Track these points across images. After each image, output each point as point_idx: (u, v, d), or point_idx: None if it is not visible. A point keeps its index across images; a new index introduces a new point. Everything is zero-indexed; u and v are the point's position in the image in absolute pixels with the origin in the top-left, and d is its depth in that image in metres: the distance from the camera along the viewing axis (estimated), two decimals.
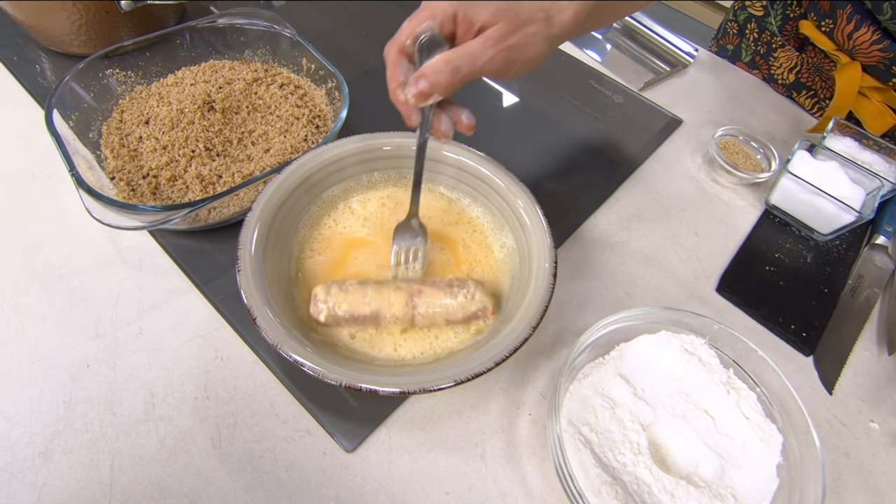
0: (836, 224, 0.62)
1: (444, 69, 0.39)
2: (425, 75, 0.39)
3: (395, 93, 0.42)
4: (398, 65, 0.42)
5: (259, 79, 0.66)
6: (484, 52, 0.39)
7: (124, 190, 0.54)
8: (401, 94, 0.41)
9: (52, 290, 0.51)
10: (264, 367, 0.48)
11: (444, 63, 0.39)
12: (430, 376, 0.40)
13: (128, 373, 0.47)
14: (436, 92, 0.40)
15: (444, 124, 0.44)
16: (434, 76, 0.39)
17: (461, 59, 0.39)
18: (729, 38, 0.88)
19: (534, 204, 0.50)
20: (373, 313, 0.45)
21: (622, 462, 0.43)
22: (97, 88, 0.60)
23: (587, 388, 0.46)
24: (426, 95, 0.40)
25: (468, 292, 0.46)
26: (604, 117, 0.75)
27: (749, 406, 0.46)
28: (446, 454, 0.45)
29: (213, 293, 0.52)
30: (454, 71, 0.39)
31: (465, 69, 0.39)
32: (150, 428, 0.44)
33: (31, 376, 0.46)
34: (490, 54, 0.39)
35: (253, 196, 0.53)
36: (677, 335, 0.48)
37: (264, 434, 0.45)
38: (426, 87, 0.39)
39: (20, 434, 0.43)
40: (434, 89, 0.39)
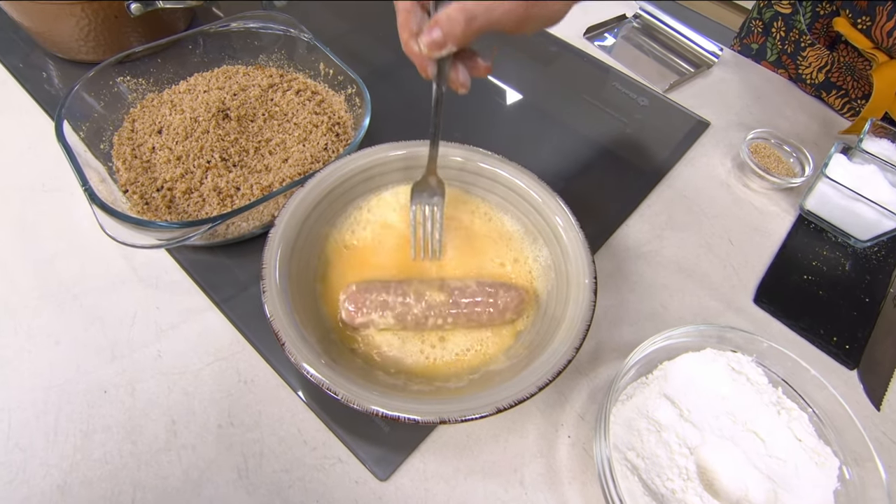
0: (877, 230, 0.59)
1: (458, 17, 0.36)
2: (439, 23, 0.36)
3: (407, 43, 0.39)
4: (411, 12, 0.38)
5: (275, 85, 0.63)
6: (502, 2, 0.36)
7: (138, 204, 0.52)
8: (414, 45, 0.38)
9: (65, 310, 0.49)
10: (290, 390, 0.46)
11: (458, 11, 0.36)
12: (470, 403, 0.38)
13: (147, 398, 0.45)
14: (450, 41, 0.36)
15: (461, 74, 0.41)
16: (448, 25, 0.36)
17: (478, 8, 0.36)
18: (753, 37, 0.85)
19: (570, 216, 0.48)
20: (402, 308, 0.43)
21: (671, 489, 0.41)
22: (108, 97, 0.58)
23: (631, 411, 0.44)
24: (440, 45, 0.37)
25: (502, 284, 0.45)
26: (629, 120, 0.72)
27: (801, 427, 0.44)
28: (484, 481, 0.43)
29: (234, 311, 0.50)
30: (469, 20, 0.36)
31: (481, 18, 0.36)
32: (173, 458, 0.42)
33: (46, 404, 0.44)
34: (508, 5, 0.36)
35: (273, 209, 0.51)
36: (723, 353, 0.46)
37: (293, 463, 0.43)
38: (439, 37, 0.36)
39: (36, 466, 0.41)
40: (448, 38, 0.36)
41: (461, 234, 0.51)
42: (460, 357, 0.45)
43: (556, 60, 0.80)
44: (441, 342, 0.45)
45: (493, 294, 0.44)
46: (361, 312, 0.43)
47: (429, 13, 0.39)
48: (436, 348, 0.45)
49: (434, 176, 0.48)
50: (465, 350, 0.45)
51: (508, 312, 0.45)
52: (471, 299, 0.44)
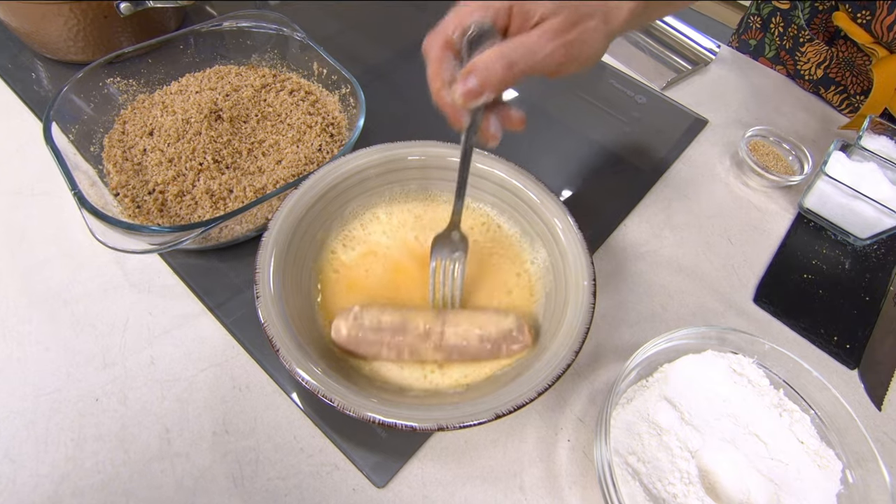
0: (876, 228, 0.59)
1: (497, 63, 0.34)
2: (476, 71, 0.34)
3: (439, 93, 0.37)
4: (443, 61, 0.36)
5: (268, 85, 0.63)
6: (543, 45, 0.35)
7: (129, 207, 0.51)
8: (447, 95, 0.36)
9: (55, 316, 0.48)
10: (286, 396, 0.45)
11: (497, 57, 0.34)
12: (469, 409, 0.37)
13: (140, 406, 0.44)
14: (487, 90, 0.35)
15: (493, 126, 0.39)
16: (485, 72, 0.34)
17: (517, 52, 0.34)
18: (751, 33, 0.85)
19: (567, 215, 0.47)
20: (399, 342, 0.42)
21: (672, 493, 0.40)
22: (97, 98, 0.57)
23: (631, 414, 0.43)
24: (477, 94, 0.35)
25: (503, 314, 0.43)
26: (627, 119, 0.72)
27: (803, 429, 0.43)
28: (484, 486, 0.43)
29: (228, 316, 0.49)
30: (509, 66, 0.34)
31: (521, 64, 0.34)
32: (166, 466, 0.41)
33: (35, 412, 0.43)
34: (549, 48, 0.35)
35: (267, 212, 0.50)
36: (724, 355, 0.46)
37: (289, 470, 0.42)
38: (476, 86, 0.34)
39: (26, 477, 0.40)
40: (485, 87, 0.34)
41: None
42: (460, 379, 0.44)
43: None
44: (440, 368, 0.44)
45: (496, 346, 0.43)
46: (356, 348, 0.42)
47: (462, 61, 0.37)
48: (435, 374, 0.44)
49: (457, 230, 0.45)
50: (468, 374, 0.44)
51: (510, 359, 0.44)
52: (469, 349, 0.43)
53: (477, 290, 0.48)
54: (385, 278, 0.48)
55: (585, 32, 0.36)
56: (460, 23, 0.36)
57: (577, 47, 0.36)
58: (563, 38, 0.35)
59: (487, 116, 0.38)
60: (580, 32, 0.36)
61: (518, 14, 0.36)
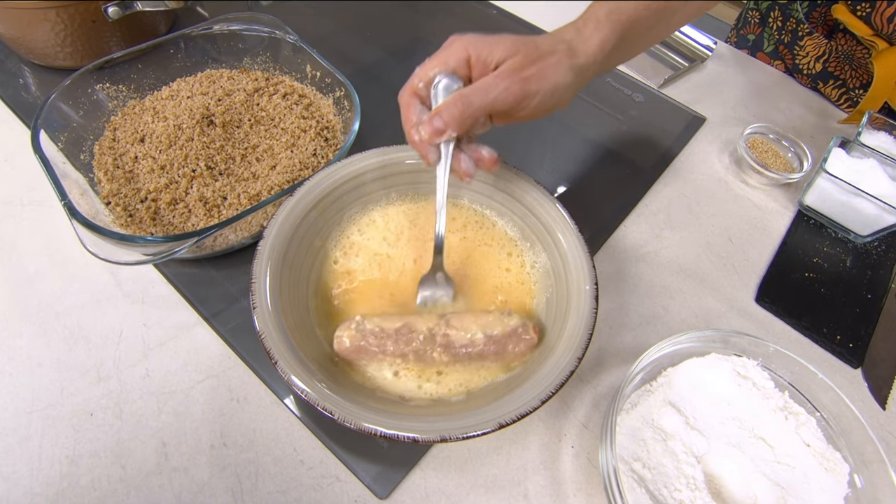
0: (877, 225, 0.59)
1: (456, 103, 0.38)
2: (439, 112, 0.38)
3: (410, 133, 0.41)
4: (411, 106, 0.41)
5: (260, 88, 0.61)
6: (497, 83, 0.38)
7: (121, 216, 0.50)
8: (415, 134, 0.40)
9: (47, 330, 0.47)
10: (284, 407, 0.44)
11: (456, 98, 0.38)
12: (472, 420, 0.36)
13: (136, 420, 0.43)
14: (449, 128, 0.38)
15: (464, 164, 0.42)
16: (447, 112, 0.38)
17: (473, 92, 0.38)
18: (750, 28, 0.84)
19: (568, 219, 0.47)
20: (403, 347, 0.41)
21: (679, 500, 0.40)
22: (87, 105, 0.56)
23: (636, 420, 0.43)
24: (440, 132, 0.39)
25: (506, 312, 0.43)
26: (625, 117, 0.71)
27: (809, 432, 0.43)
28: (487, 496, 0.42)
29: (224, 326, 0.48)
30: (466, 105, 0.38)
31: (477, 102, 0.38)
32: (164, 482, 0.41)
33: (29, 429, 0.42)
34: (504, 85, 0.38)
35: (262, 220, 0.49)
36: (728, 358, 0.45)
37: (289, 483, 0.41)
38: (440, 124, 0.38)
39: (20, 496, 0.39)
40: (448, 124, 0.38)
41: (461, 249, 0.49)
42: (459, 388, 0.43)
43: None
44: (438, 375, 0.43)
45: (501, 346, 0.42)
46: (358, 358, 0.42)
47: (429, 106, 0.41)
48: (430, 382, 0.43)
49: (442, 272, 0.45)
50: (464, 381, 0.43)
51: (515, 360, 0.43)
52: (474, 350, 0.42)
53: (472, 290, 0.47)
54: (386, 284, 0.47)
55: (545, 68, 0.39)
56: (424, 75, 0.40)
57: (535, 82, 0.39)
58: (518, 75, 0.38)
59: (458, 156, 0.42)
60: (539, 68, 0.39)
61: (477, 63, 0.39)
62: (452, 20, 0.83)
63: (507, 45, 0.39)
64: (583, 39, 0.42)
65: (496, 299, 0.47)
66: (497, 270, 0.48)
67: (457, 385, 0.42)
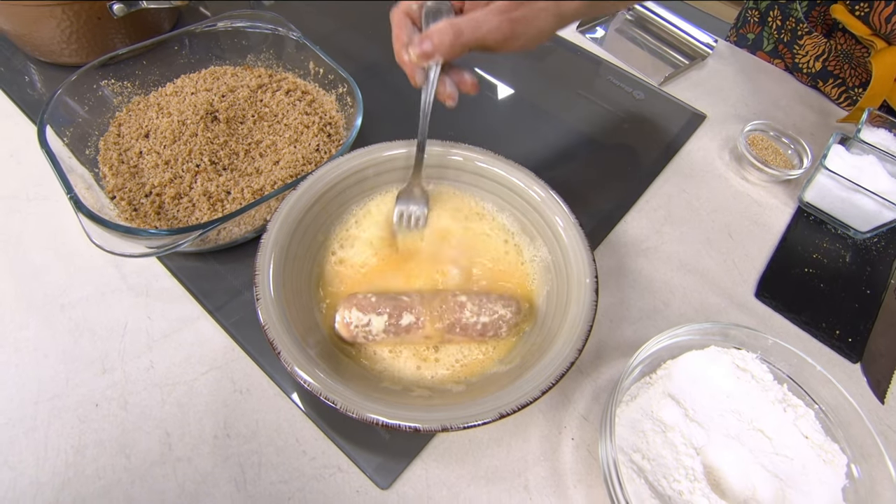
0: (877, 221, 0.59)
1: (447, 32, 0.39)
2: (429, 36, 0.40)
3: (399, 53, 0.43)
4: (403, 26, 0.43)
5: (264, 85, 0.62)
6: (489, 19, 0.40)
7: (126, 210, 0.51)
8: (405, 54, 0.42)
9: (53, 322, 0.47)
10: (287, 399, 0.45)
11: (447, 26, 0.40)
12: (473, 410, 0.37)
13: (140, 411, 0.43)
14: (438, 52, 0.40)
15: (448, 87, 0.44)
16: (437, 37, 0.40)
17: (465, 23, 0.40)
18: (749, 27, 0.85)
19: (568, 213, 0.47)
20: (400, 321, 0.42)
21: (678, 490, 0.40)
22: (92, 101, 0.56)
23: (635, 411, 0.43)
24: (429, 55, 0.40)
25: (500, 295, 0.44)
26: (625, 114, 0.71)
27: (808, 424, 0.43)
28: (488, 486, 0.42)
29: (228, 319, 0.48)
30: (457, 34, 0.39)
31: (467, 33, 0.40)
32: (168, 471, 0.41)
33: (35, 419, 0.42)
34: (495, 23, 0.40)
35: (265, 214, 0.50)
36: (727, 350, 0.46)
37: (292, 473, 0.42)
38: (429, 48, 0.40)
39: (26, 485, 0.40)
40: (437, 49, 0.40)
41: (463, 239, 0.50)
42: (456, 368, 0.44)
43: (550, 55, 0.79)
44: (435, 352, 0.44)
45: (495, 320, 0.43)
46: (356, 328, 0.42)
47: (419, 28, 0.43)
48: (428, 361, 0.43)
49: (419, 186, 0.48)
50: (462, 358, 0.44)
51: (504, 328, 0.43)
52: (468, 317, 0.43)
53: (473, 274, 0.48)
54: (383, 271, 0.47)
55: (533, 11, 0.41)
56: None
57: (523, 24, 0.41)
58: (509, 15, 0.40)
59: (443, 80, 0.44)
60: (528, 11, 0.40)
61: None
62: None
63: None
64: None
65: (497, 284, 0.47)
66: (498, 256, 0.49)
67: (454, 362, 0.43)
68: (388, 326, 0.42)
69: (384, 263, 0.48)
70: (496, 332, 0.43)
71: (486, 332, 0.43)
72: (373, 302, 0.42)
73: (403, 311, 0.42)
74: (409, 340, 0.43)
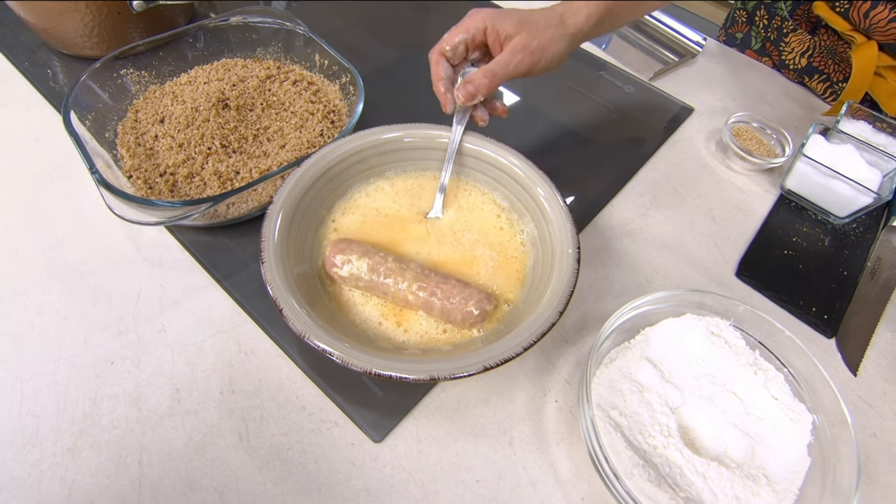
0: (853, 207, 0.61)
1: (484, 76, 0.49)
2: (471, 81, 0.50)
3: (437, 84, 0.52)
4: (439, 63, 0.51)
5: (272, 76, 0.66)
6: (512, 57, 0.50)
7: (142, 188, 0.55)
8: (442, 87, 0.51)
9: (73, 288, 0.51)
10: (289, 360, 0.48)
11: (483, 72, 0.50)
12: (459, 363, 0.40)
13: (152, 369, 0.47)
14: (480, 93, 0.50)
15: (481, 112, 0.53)
16: (478, 81, 0.49)
17: (497, 66, 0.50)
18: (738, 27, 0.88)
19: (554, 191, 0.50)
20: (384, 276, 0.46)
21: (653, 444, 0.43)
22: (112, 88, 0.60)
23: (614, 373, 0.46)
24: (472, 96, 0.50)
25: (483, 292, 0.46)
26: (615, 107, 0.75)
27: (777, 387, 0.46)
28: (475, 442, 0.45)
29: (235, 288, 0.52)
30: (493, 76, 0.50)
31: (500, 73, 0.50)
32: (177, 423, 0.44)
33: (56, 374, 0.46)
34: (518, 58, 0.50)
35: (271, 191, 0.53)
36: (702, 318, 0.48)
37: (291, 427, 0.45)
38: (472, 90, 0.49)
39: (48, 431, 0.43)
40: (479, 91, 0.50)
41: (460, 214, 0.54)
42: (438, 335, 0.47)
43: None
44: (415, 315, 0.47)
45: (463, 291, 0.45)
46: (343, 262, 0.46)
47: (452, 64, 0.52)
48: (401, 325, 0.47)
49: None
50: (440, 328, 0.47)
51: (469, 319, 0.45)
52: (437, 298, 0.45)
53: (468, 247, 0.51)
54: (381, 236, 0.51)
55: (544, 41, 0.50)
56: (451, 40, 0.51)
57: (540, 53, 0.50)
58: (527, 50, 0.50)
59: (477, 106, 0.53)
60: (540, 41, 0.50)
61: (491, 32, 0.51)
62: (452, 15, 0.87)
63: (514, 22, 0.50)
64: (573, 13, 0.53)
65: (488, 255, 0.51)
66: (492, 230, 0.52)
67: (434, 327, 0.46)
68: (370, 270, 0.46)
69: (383, 231, 0.52)
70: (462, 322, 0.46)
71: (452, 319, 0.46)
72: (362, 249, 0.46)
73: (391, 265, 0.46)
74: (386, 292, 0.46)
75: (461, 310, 0.45)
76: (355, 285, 0.47)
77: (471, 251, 0.51)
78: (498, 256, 0.51)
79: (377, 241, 0.51)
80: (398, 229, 0.52)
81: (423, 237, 0.52)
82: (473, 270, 0.50)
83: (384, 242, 0.51)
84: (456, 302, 0.45)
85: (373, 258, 0.46)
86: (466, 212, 0.54)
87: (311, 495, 0.42)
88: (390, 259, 0.47)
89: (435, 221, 0.53)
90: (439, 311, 0.46)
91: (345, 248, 0.47)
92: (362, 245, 0.47)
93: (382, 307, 0.47)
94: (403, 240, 0.51)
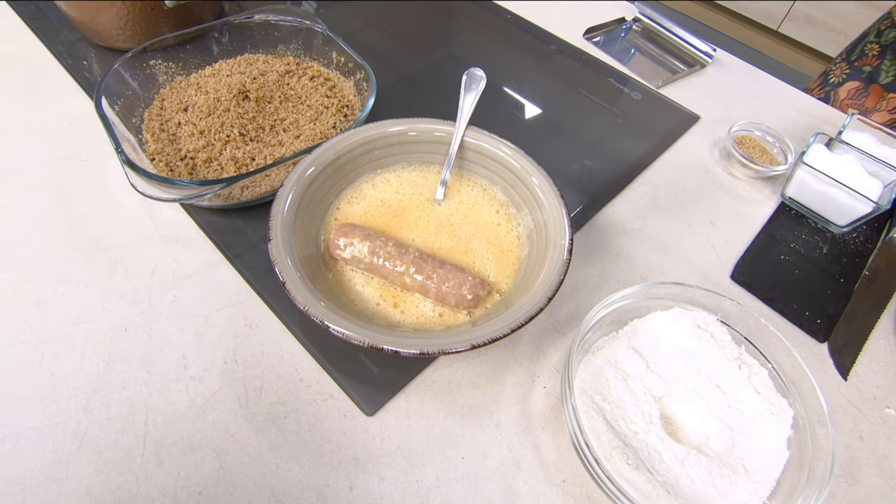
0: (853, 215, 0.62)
1: None
2: None
3: None
4: None
5: (291, 71, 0.69)
6: None
7: (163, 170, 0.58)
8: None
9: (94, 260, 0.54)
10: (290, 335, 0.50)
11: None
12: (449, 340, 0.42)
13: (162, 337, 0.50)
14: None
15: None
16: None
17: None
18: (867, 60, 0.88)
19: (550, 183, 0.52)
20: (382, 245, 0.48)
21: (634, 430, 0.44)
22: (141, 77, 0.64)
23: (601, 360, 0.47)
24: None
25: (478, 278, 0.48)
26: (622, 112, 0.76)
27: (760, 381, 0.46)
28: (463, 421, 0.47)
29: (244, 266, 0.55)
30: None
31: None
32: (182, 387, 0.47)
33: (73, 336, 0.49)
34: None
35: (283, 177, 0.56)
36: (690, 312, 0.50)
37: (289, 396, 0.47)
38: None
39: (64, 389, 0.46)
40: None
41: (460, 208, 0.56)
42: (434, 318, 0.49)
43: (556, 58, 0.85)
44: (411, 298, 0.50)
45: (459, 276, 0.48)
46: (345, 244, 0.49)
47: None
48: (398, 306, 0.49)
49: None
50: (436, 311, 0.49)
51: (463, 303, 0.47)
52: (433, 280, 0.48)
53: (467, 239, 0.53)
54: (382, 224, 0.54)
55: None
56: None
57: None
58: None
59: None
60: None
61: None
62: (468, 22, 0.90)
63: None
64: None
65: (486, 248, 0.53)
66: (489, 226, 0.54)
67: (430, 310, 0.48)
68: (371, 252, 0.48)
69: (385, 218, 0.54)
70: (456, 306, 0.48)
71: (447, 302, 0.48)
72: (365, 233, 0.49)
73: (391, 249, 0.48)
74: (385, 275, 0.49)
75: (455, 293, 0.47)
76: (357, 266, 0.50)
77: (466, 243, 0.53)
78: (493, 249, 0.53)
79: (378, 228, 0.53)
80: (399, 218, 0.54)
81: (421, 226, 0.54)
82: (469, 259, 0.52)
83: (385, 230, 0.53)
84: (451, 286, 0.47)
85: (374, 242, 0.49)
86: (467, 207, 0.56)
87: (303, 461, 0.44)
88: (390, 244, 0.49)
89: (434, 211, 0.55)
90: (435, 293, 0.48)
91: (348, 231, 0.49)
92: (365, 229, 0.50)
93: (381, 289, 0.50)
94: (403, 228, 0.54)
